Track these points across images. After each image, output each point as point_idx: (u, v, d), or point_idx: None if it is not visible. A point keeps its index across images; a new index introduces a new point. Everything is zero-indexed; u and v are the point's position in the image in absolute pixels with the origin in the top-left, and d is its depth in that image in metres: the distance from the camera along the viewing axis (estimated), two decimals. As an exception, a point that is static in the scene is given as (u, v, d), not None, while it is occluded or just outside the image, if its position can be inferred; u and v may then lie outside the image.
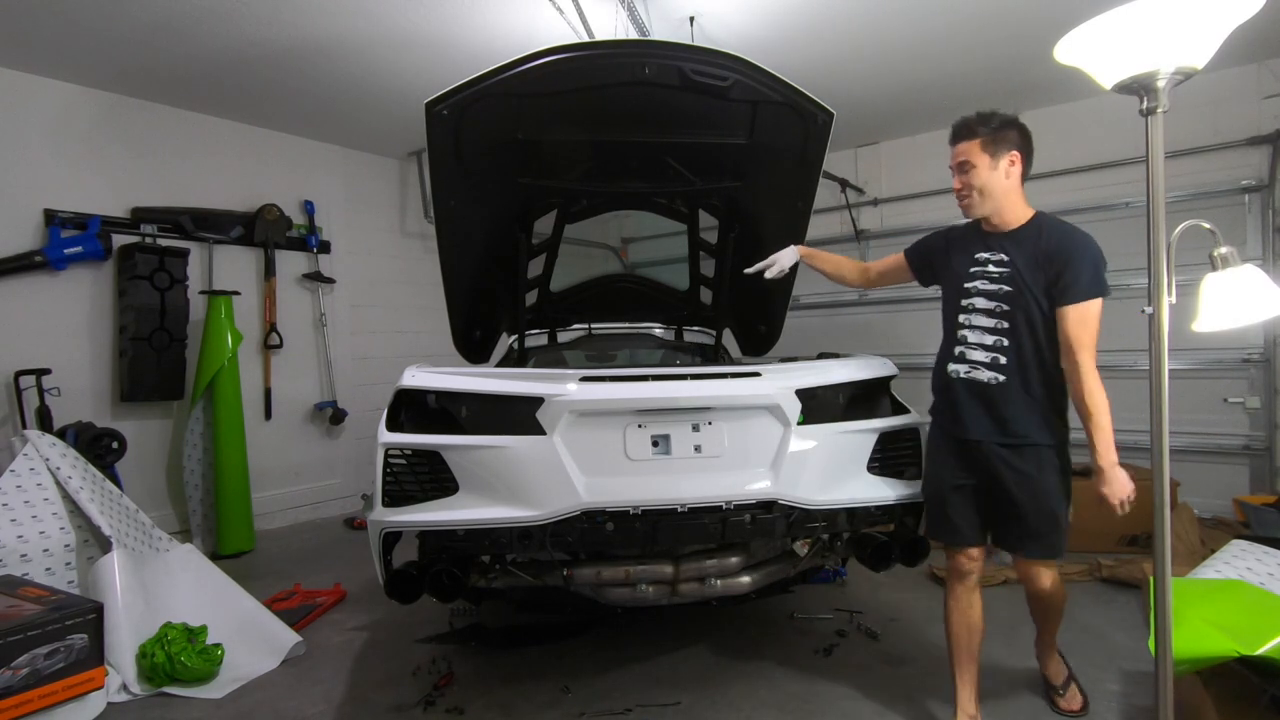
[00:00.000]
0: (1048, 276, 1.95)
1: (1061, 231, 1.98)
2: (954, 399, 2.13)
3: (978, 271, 2.09)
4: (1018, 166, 2.01)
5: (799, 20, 3.58)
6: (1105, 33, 1.35)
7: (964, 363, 2.10)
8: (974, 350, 2.08)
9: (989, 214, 2.06)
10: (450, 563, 2.28)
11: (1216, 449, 4.28)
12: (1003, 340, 2.03)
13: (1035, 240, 1.99)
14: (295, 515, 5.16)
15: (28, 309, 3.93)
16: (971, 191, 2.03)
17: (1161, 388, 1.42)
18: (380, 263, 5.83)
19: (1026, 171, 2.04)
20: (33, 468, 2.99)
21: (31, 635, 2.26)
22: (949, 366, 2.14)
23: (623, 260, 4.88)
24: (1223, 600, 2.10)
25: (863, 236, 5.71)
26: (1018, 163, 2.01)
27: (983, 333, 2.07)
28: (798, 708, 2.37)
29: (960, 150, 2.04)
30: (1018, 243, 2.03)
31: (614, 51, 2.51)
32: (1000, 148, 1.99)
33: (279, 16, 3.40)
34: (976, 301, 2.08)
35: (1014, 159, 2.00)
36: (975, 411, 2.08)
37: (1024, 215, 2.05)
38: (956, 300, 2.14)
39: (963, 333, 2.11)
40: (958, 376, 2.11)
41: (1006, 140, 1.99)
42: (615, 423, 2.25)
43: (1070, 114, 4.74)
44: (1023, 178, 2.04)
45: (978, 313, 2.08)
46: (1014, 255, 2.02)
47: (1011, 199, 2.03)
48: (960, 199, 2.09)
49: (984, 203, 2.03)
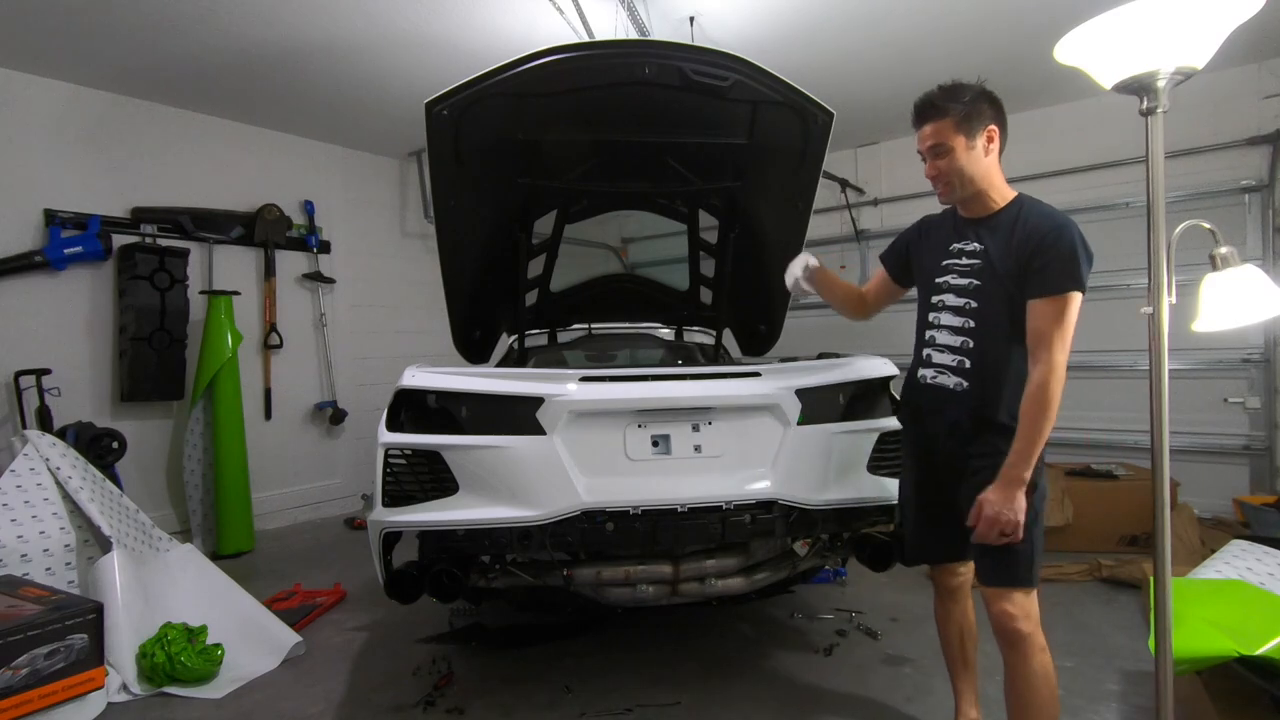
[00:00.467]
0: (1019, 264, 1.72)
1: (1040, 214, 1.74)
2: (919, 406, 1.96)
3: (949, 265, 1.87)
4: (996, 142, 1.78)
5: (799, 20, 3.58)
6: (1105, 33, 1.35)
7: (930, 366, 1.91)
8: (941, 353, 1.88)
9: (968, 199, 1.84)
10: (450, 563, 2.28)
11: (1216, 449, 4.28)
12: (969, 341, 1.82)
13: (1012, 225, 1.76)
14: (295, 515, 5.16)
15: (28, 309, 3.93)
16: (950, 178, 1.80)
17: (1161, 388, 1.42)
18: (380, 263, 5.83)
19: (1003, 146, 1.82)
20: (33, 468, 2.99)
21: (31, 635, 2.26)
22: (918, 372, 1.96)
23: (623, 260, 4.88)
24: (1223, 600, 2.11)
25: (863, 236, 5.71)
26: (995, 138, 1.78)
27: (950, 333, 1.86)
28: (798, 708, 2.37)
29: (929, 132, 1.80)
30: (994, 229, 1.80)
31: (614, 51, 2.51)
32: (976, 124, 1.75)
33: (279, 16, 3.40)
34: (946, 299, 1.87)
35: (991, 134, 1.77)
36: (937, 421, 1.89)
37: (1004, 197, 1.82)
38: (927, 298, 1.94)
39: (931, 333, 1.92)
40: (924, 382, 1.92)
41: (981, 114, 1.76)
42: (615, 423, 2.25)
43: (1070, 114, 4.75)
44: (1000, 152, 1.81)
45: (946, 310, 1.87)
46: (989, 243, 1.79)
47: (992, 180, 1.80)
48: (936, 187, 1.86)
49: (964, 187, 1.80)
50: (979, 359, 1.80)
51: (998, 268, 1.76)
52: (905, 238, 2.09)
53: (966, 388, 1.81)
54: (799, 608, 3.18)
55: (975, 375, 1.81)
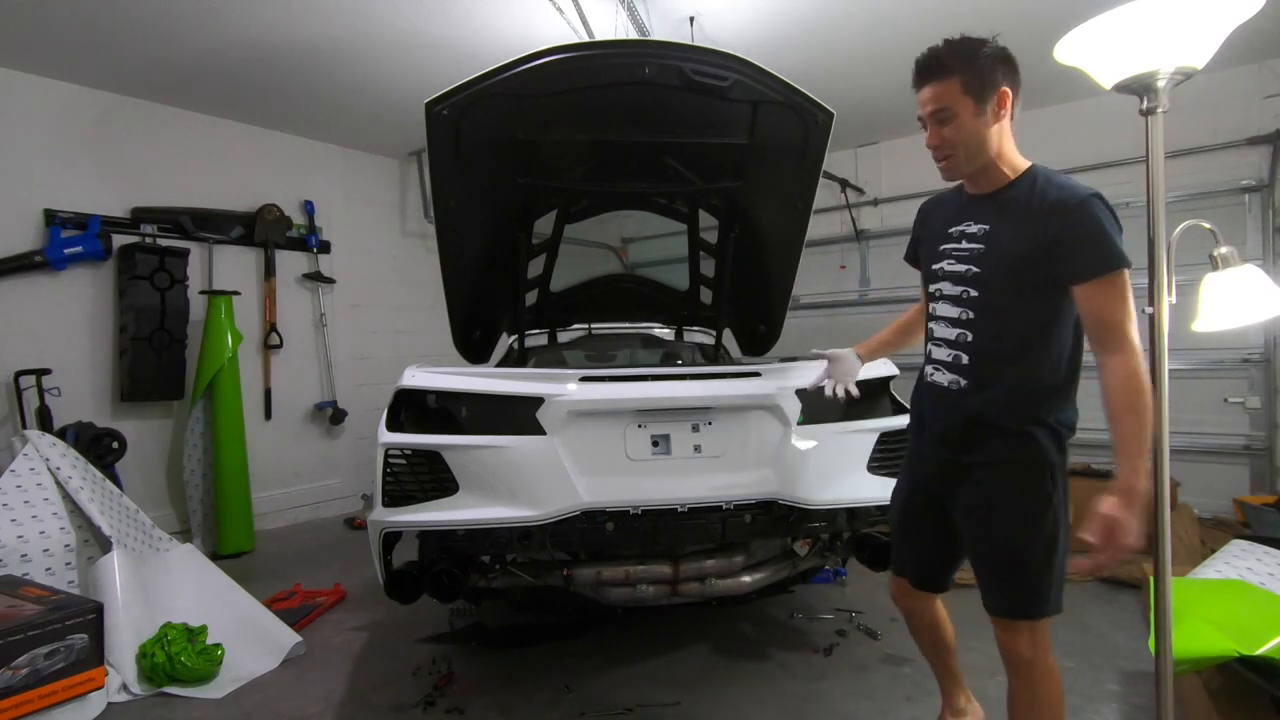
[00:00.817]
0: (1036, 245, 1.49)
1: (1059, 186, 1.49)
2: (919, 408, 1.78)
3: (946, 250, 1.67)
4: (1008, 106, 1.53)
5: (799, 20, 3.58)
6: (1105, 33, 1.35)
7: (930, 363, 1.72)
8: (939, 348, 1.68)
9: (976, 172, 1.59)
10: (450, 563, 2.29)
11: (1216, 449, 4.28)
12: (965, 335, 1.61)
13: (1027, 200, 1.52)
14: (295, 515, 5.16)
15: (28, 309, 3.93)
16: (955, 149, 1.55)
17: (1162, 388, 1.42)
18: (380, 263, 5.83)
19: (1016, 111, 1.56)
20: (33, 468, 2.99)
21: (31, 635, 2.26)
22: (923, 369, 1.77)
23: (623, 260, 4.88)
24: (1223, 600, 2.11)
25: (863, 236, 5.72)
26: (1008, 102, 1.52)
27: (947, 325, 1.66)
28: (798, 708, 2.37)
29: (931, 95, 1.54)
30: (1002, 206, 1.56)
31: (614, 51, 2.51)
32: (987, 86, 1.50)
33: (279, 17, 3.39)
34: (943, 287, 1.66)
35: (1004, 97, 1.51)
36: (936, 425, 1.70)
37: (1016, 168, 1.57)
38: (928, 289, 1.76)
39: (931, 326, 1.72)
40: (926, 380, 1.74)
41: (993, 75, 1.50)
42: (615, 423, 2.25)
43: (1070, 114, 4.74)
44: (1014, 117, 1.56)
45: (944, 300, 1.66)
46: (996, 223, 1.57)
47: (1003, 149, 1.56)
48: (939, 159, 1.59)
49: (972, 159, 1.56)
50: (977, 354, 1.60)
51: (1007, 250, 1.53)
52: (914, 232, 1.90)
53: (963, 386, 1.62)
54: (799, 608, 3.18)
55: (972, 373, 1.60)
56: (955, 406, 1.63)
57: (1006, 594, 1.57)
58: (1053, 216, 1.47)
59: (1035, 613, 1.54)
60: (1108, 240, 1.43)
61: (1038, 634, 1.56)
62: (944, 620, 1.95)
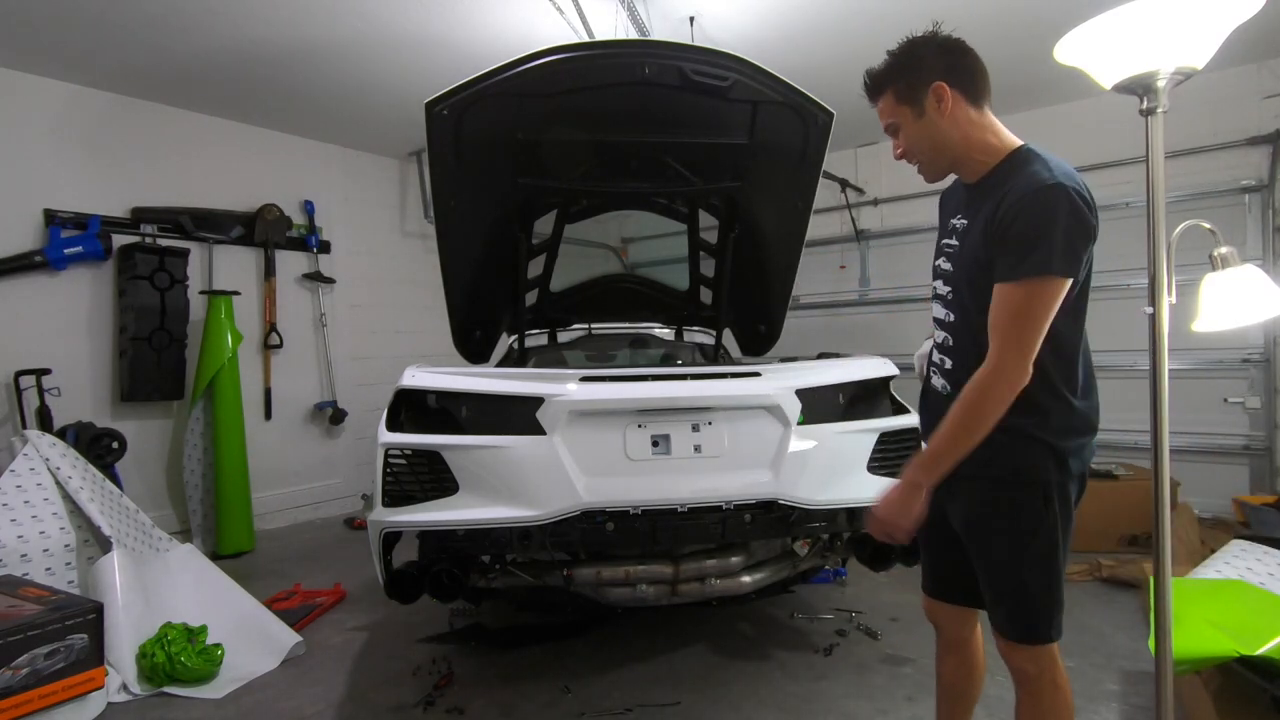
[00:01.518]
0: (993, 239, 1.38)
1: (1028, 173, 1.36)
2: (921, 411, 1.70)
3: (942, 245, 1.59)
4: (949, 98, 1.44)
5: (799, 20, 3.58)
6: (1105, 33, 1.35)
7: (929, 365, 1.65)
8: (935, 351, 1.62)
9: (953, 168, 1.54)
10: (450, 563, 2.29)
11: (1216, 449, 4.28)
12: (949, 338, 1.54)
13: (995, 189, 1.41)
14: (295, 515, 5.16)
15: (28, 309, 3.93)
16: (914, 155, 1.53)
17: (1161, 388, 1.41)
18: (380, 263, 5.83)
19: (974, 93, 1.46)
20: (33, 468, 2.99)
21: (31, 635, 2.26)
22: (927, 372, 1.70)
23: (623, 260, 4.88)
24: (1223, 600, 2.11)
25: (863, 236, 5.72)
26: (947, 93, 1.44)
27: (938, 328, 1.59)
28: (798, 708, 2.37)
29: (879, 112, 1.55)
30: (981, 196, 1.46)
31: (614, 51, 2.51)
32: (916, 87, 1.46)
33: (279, 16, 3.40)
34: (937, 286, 1.60)
35: (939, 91, 1.44)
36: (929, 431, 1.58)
37: (996, 153, 1.46)
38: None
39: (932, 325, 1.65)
40: (926, 384, 1.67)
41: (919, 74, 1.46)
42: (615, 423, 2.25)
43: (1070, 114, 4.74)
44: (972, 100, 1.46)
45: (937, 300, 1.59)
46: (972, 216, 1.47)
47: (970, 139, 1.46)
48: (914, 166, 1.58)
49: (936, 160, 1.52)
50: (960, 358, 1.50)
51: (978, 245, 1.43)
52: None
53: (949, 391, 1.52)
54: (799, 608, 3.18)
55: (954, 377, 1.51)
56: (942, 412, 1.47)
57: (1005, 615, 1.51)
58: (1003, 204, 1.36)
59: (1032, 638, 1.50)
60: (1044, 241, 1.29)
61: (1041, 652, 1.51)
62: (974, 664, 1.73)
